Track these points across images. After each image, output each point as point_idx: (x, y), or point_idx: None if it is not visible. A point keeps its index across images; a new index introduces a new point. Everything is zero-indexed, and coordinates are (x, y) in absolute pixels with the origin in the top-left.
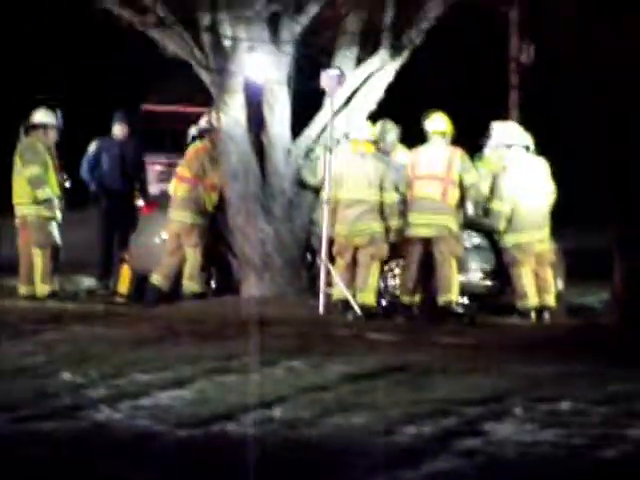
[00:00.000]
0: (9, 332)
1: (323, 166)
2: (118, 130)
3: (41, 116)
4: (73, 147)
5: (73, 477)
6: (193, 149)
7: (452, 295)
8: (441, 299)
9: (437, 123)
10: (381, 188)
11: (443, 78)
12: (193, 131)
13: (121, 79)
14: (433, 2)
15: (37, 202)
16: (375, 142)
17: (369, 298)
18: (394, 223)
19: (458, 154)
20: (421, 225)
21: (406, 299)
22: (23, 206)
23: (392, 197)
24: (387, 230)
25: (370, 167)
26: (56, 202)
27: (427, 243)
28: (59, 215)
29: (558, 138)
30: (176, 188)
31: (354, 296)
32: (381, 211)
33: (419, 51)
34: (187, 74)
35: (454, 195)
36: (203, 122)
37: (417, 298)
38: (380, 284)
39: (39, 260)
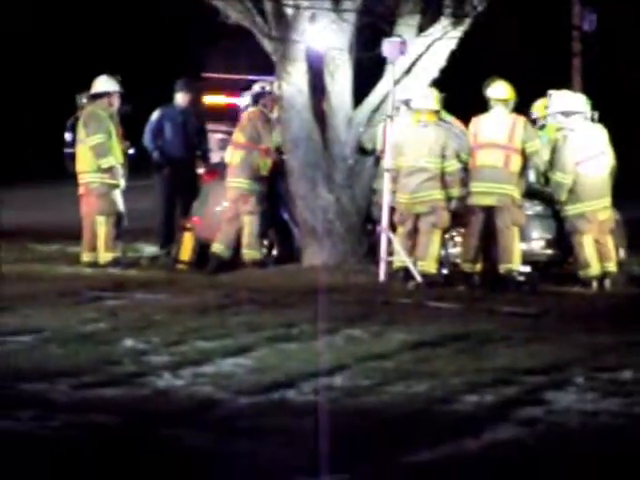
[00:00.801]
0: (72, 299)
1: (383, 134)
2: (180, 98)
3: (103, 84)
4: (136, 115)
5: (136, 443)
6: (246, 115)
7: (514, 264)
8: (502, 268)
9: (499, 90)
10: (442, 156)
11: (503, 47)
12: (246, 97)
13: (184, 47)
14: None
15: (101, 170)
16: (437, 111)
17: (430, 266)
18: (455, 191)
19: (521, 122)
20: (483, 194)
21: (467, 267)
22: (87, 174)
23: (453, 165)
24: (449, 198)
25: (431, 135)
26: (120, 170)
27: (489, 212)
28: (122, 183)
29: (620, 107)
30: (232, 155)
31: (415, 264)
32: (442, 179)
33: (481, 18)
34: (249, 42)
35: (517, 163)
36: (257, 87)
37: (478, 267)
38: (441, 252)
39: (103, 228)
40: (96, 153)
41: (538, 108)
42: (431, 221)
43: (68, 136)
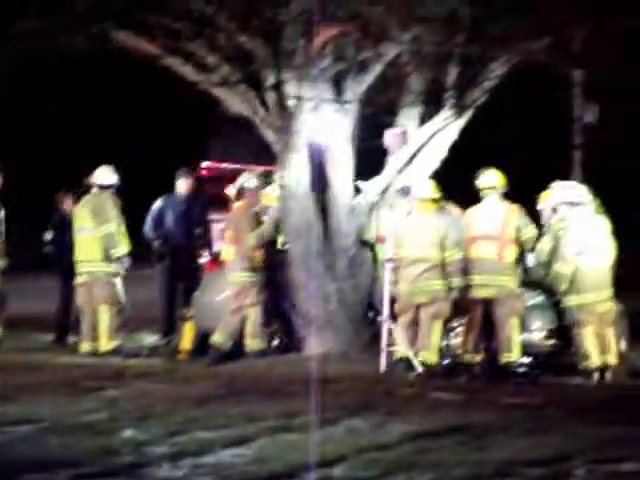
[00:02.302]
0: (72, 389)
1: (376, 223)
2: (182, 187)
3: (111, 176)
4: (138, 205)
5: None
6: (234, 209)
7: (513, 355)
8: (502, 359)
9: (488, 178)
10: (443, 246)
11: (504, 136)
12: (232, 190)
13: (186, 136)
14: (496, 61)
15: (107, 259)
16: (436, 200)
17: (431, 357)
18: (456, 281)
19: (514, 211)
20: (481, 286)
21: (468, 358)
22: (91, 263)
23: (453, 255)
24: (449, 289)
25: (431, 225)
26: (127, 260)
27: (489, 303)
28: (123, 271)
29: (622, 197)
30: (226, 250)
31: (416, 355)
32: (443, 269)
33: (482, 109)
34: (251, 132)
35: (511, 254)
36: (241, 182)
37: (479, 357)
38: (443, 343)
39: (106, 316)
40: (107, 242)
41: (544, 200)
42: (432, 311)
43: (48, 235)
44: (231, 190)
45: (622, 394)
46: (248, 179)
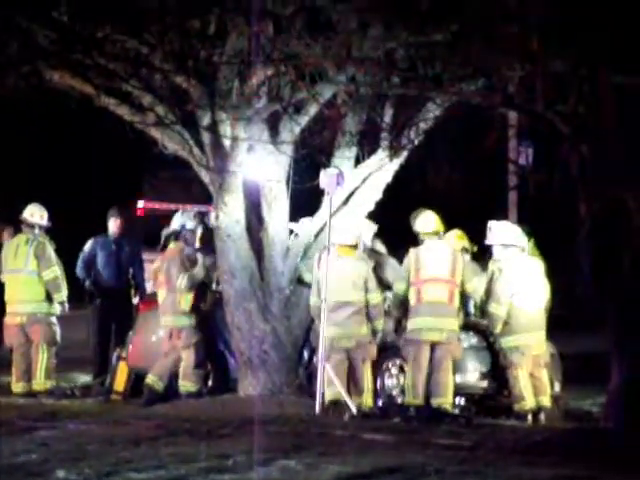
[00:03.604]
0: (4, 429)
1: (318, 264)
2: (112, 225)
3: (41, 215)
4: (70, 245)
5: None
6: (167, 252)
7: (448, 398)
8: (435, 401)
9: (428, 223)
10: (366, 289)
11: (439, 175)
12: (167, 231)
13: (118, 176)
14: (432, 103)
15: (48, 300)
16: (354, 246)
17: (365, 399)
18: (380, 324)
19: (459, 256)
20: (430, 330)
21: (416, 402)
22: (29, 304)
23: (376, 298)
24: (374, 332)
25: (351, 269)
26: (66, 302)
27: (432, 345)
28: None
29: (556, 239)
30: (158, 294)
31: (350, 397)
32: (367, 313)
33: (416, 149)
34: (186, 171)
35: (458, 297)
36: (175, 224)
37: (421, 400)
38: (377, 384)
39: (44, 356)
40: (54, 286)
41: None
42: (360, 356)
43: None
44: (166, 231)
45: (556, 436)
46: (183, 220)
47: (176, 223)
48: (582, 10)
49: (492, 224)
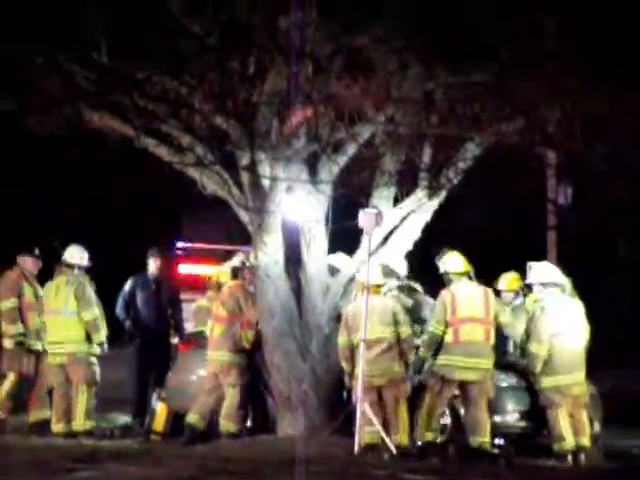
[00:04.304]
0: (45, 470)
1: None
2: (152, 266)
3: (82, 257)
4: (109, 285)
5: None
6: (227, 289)
7: (485, 437)
8: (476, 440)
9: (456, 264)
10: (395, 322)
11: (478, 215)
12: (225, 270)
13: (158, 215)
14: (471, 143)
15: (89, 340)
16: (380, 286)
17: (402, 438)
18: (411, 357)
19: (491, 294)
20: (467, 369)
21: (430, 436)
22: (70, 344)
23: (407, 331)
24: (406, 367)
25: (380, 306)
26: (106, 343)
27: (462, 384)
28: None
29: (597, 279)
30: (213, 328)
31: (389, 436)
32: (399, 349)
33: (456, 190)
34: (225, 211)
35: (493, 336)
36: (236, 261)
37: (438, 436)
38: (412, 423)
39: (84, 397)
40: (93, 327)
41: (506, 281)
42: (392, 394)
43: None
44: (221, 269)
45: (596, 476)
46: (243, 259)
47: (237, 260)
48: (620, 49)
49: (532, 264)
